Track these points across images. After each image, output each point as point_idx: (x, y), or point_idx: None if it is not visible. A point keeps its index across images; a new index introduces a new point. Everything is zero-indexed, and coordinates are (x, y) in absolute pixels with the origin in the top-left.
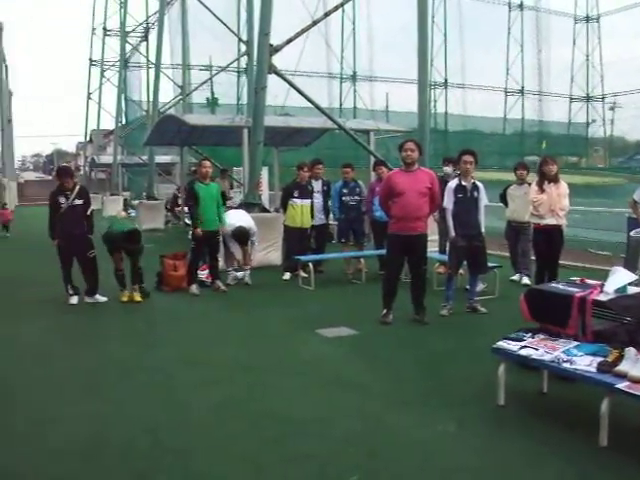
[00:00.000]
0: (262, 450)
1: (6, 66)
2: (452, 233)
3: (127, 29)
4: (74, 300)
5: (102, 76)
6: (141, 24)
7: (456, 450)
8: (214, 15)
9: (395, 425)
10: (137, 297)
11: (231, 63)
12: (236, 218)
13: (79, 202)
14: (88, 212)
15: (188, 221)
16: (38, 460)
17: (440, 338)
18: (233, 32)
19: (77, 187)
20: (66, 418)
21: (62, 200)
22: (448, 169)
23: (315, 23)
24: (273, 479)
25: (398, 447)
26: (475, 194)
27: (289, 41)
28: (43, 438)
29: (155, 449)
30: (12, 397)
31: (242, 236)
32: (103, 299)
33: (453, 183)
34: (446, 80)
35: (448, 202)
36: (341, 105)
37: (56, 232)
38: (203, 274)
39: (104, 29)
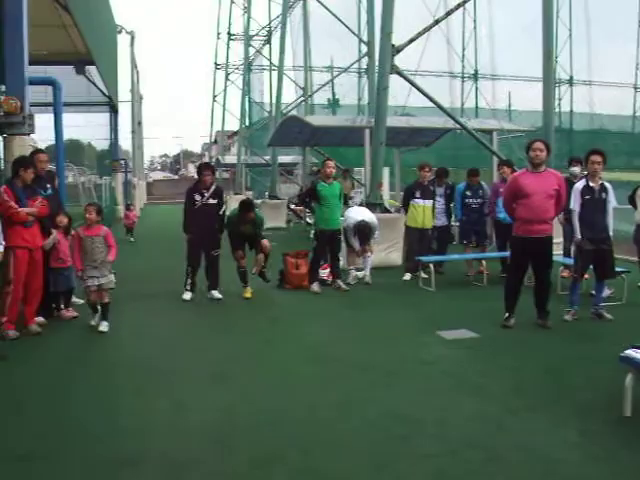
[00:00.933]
0: (381, 448)
1: (137, 71)
2: (578, 236)
3: (250, 33)
4: (187, 296)
5: (227, 79)
6: (264, 28)
7: (578, 460)
8: (335, 17)
9: (515, 430)
10: (247, 293)
11: (352, 64)
12: (358, 213)
13: (213, 201)
14: (221, 212)
15: (310, 220)
16: (168, 444)
17: (563, 344)
18: (354, 33)
19: (213, 186)
20: (195, 406)
21: (197, 197)
22: (576, 169)
23: (437, 22)
24: (391, 477)
25: (518, 453)
26: (603, 196)
27: (411, 41)
28: (173, 423)
29: (277, 440)
30: (145, 387)
31: (364, 229)
32: (219, 296)
33: (580, 184)
34: (571, 77)
35: (574, 204)
36: (462, 104)
37: (189, 227)
38: (324, 273)
39: (228, 34)
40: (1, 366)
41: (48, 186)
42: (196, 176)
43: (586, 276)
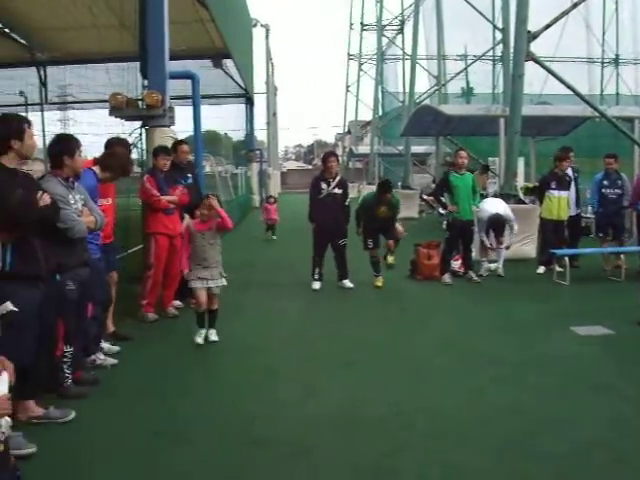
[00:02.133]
0: (507, 444)
1: (272, 64)
2: None
3: (383, 23)
4: (316, 285)
5: (360, 69)
6: (397, 17)
7: None
8: (468, 3)
9: None
10: (378, 282)
11: (486, 52)
12: (493, 206)
13: (338, 191)
14: (346, 202)
15: (442, 211)
16: (297, 428)
17: None
18: (488, 20)
19: (338, 177)
20: (323, 391)
21: (323, 186)
22: None
23: (575, 5)
24: (513, 472)
25: None
26: None
27: (547, 26)
28: (301, 408)
29: (405, 430)
30: (277, 371)
31: (498, 223)
32: (350, 285)
33: None
34: None
35: None
36: (602, 91)
37: (314, 216)
38: (456, 264)
39: (361, 24)
40: (129, 346)
41: (189, 175)
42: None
43: None
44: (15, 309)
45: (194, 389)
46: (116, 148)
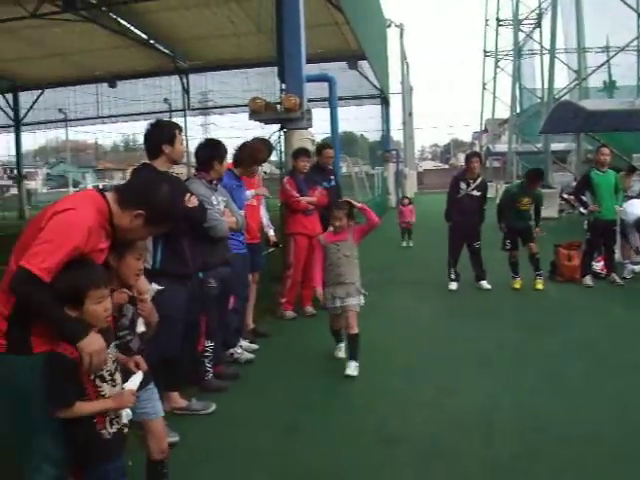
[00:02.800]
0: None
1: (407, 63)
2: None
3: (520, 17)
4: (453, 286)
5: (496, 66)
6: (534, 11)
7: None
8: None
9: None
10: (539, 284)
11: (630, 42)
12: (638, 207)
13: (477, 193)
14: (484, 206)
15: (583, 210)
16: (431, 427)
17: None
18: (632, 8)
19: (479, 178)
20: (457, 392)
21: (462, 186)
22: None
23: None
24: None
25: None
26: None
27: None
28: (435, 408)
29: (539, 434)
30: (412, 371)
31: None
32: (487, 286)
33: None
34: None
35: None
36: None
37: (451, 216)
38: (598, 266)
39: (497, 20)
40: (266, 343)
41: (331, 178)
42: (464, 164)
43: None
44: (161, 287)
45: (328, 387)
46: (245, 142)
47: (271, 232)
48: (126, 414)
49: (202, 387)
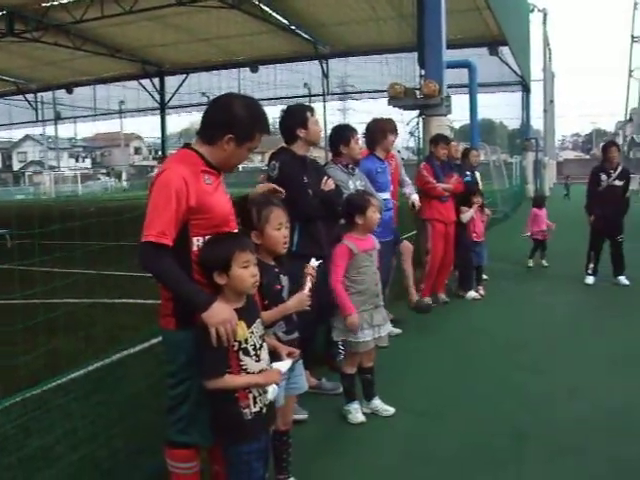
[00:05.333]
0: None
1: (549, 49)
2: None
3: None
4: (590, 280)
5: None
6: None
7: None
8: None
9: None
10: None
11: None
12: None
13: (619, 183)
14: (627, 194)
15: None
16: (559, 427)
17: None
18: None
19: (620, 167)
20: (590, 390)
21: (603, 177)
22: None
23: None
24: None
25: None
26: None
27: None
28: (566, 405)
29: None
30: (543, 367)
31: None
32: (626, 282)
33: None
34: None
35: None
36: None
37: (593, 209)
38: None
39: None
40: (402, 328)
41: (468, 174)
42: (601, 155)
43: None
44: (319, 261)
45: (457, 377)
46: (367, 125)
47: (414, 196)
48: (273, 390)
49: (333, 367)
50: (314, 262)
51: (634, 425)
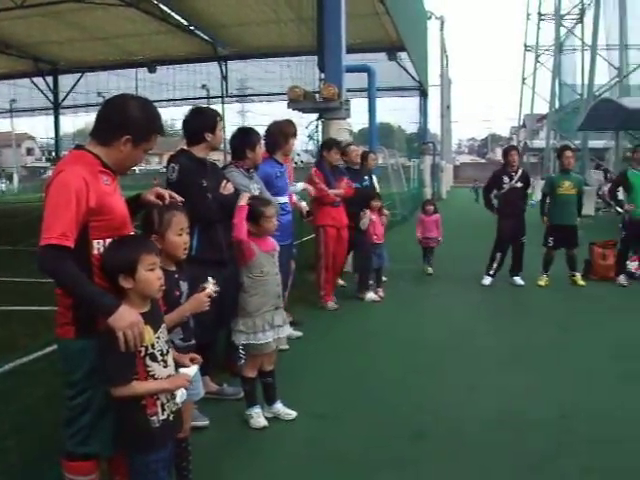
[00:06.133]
0: None
1: (446, 56)
2: None
3: (562, 12)
4: (487, 281)
5: (536, 61)
6: (576, 6)
7: None
8: None
9: None
10: (580, 280)
11: None
12: None
13: (520, 185)
14: (526, 199)
15: (619, 209)
16: (457, 423)
17: None
18: None
19: (520, 170)
20: (486, 390)
21: (505, 180)
22: None
23: None
24: None
25: None
26: None
27: None
28: (463, 405)
29: (567, 435)
30: (441, 367)
31: None
32: (521, 282)
33: None
34: None
35: None
36: None
37: (499, 212)
38: (633, 265)
39: (539, 14)
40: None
41: (366, 178)
42: (502, 159)
43: None
44: (217, 288)
45: (356, 379)
46: (268, 127)
47: (303, 204)
48: (181, 394)
49: (234, 372)
50: (211, 286)
51: (528, 422)
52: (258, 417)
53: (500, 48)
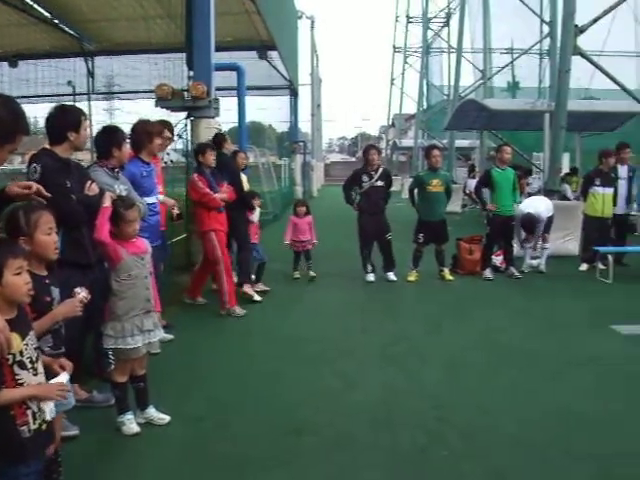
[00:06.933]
0: (546, 442)
1: (317, 55)
2: None
3: (429, 16)
4: (371, 277)
5: (405, 62)
6: (443, 10)
7: None
8: None
9: None
10: (449, 275)
11: (533, 45)
12: (528, 204)
13: (381, 183)
14: (389, 197)
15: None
16: (334, 418)
17: None
18: (535, 13)
19: (381, 169)
20: (363, 384)
21: (365, 179)
22: None
23: None
24: (556, 473)
25: None
26: None
27: (595, 20)
28: (341, 398)
29: (441, 425)
30: (315, 360)
31: (528, 224)
32: (393, 278)
33: None
34: None
35: None
36: None
37: (360, 208)
38: (498, 259)
39: (407, 17)
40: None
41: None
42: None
43: None
44: (88, 296)
45: (237, 378)
46: (133, 126)
47: (176, 210)
48: (50, 410)
49: (104, 379)
50: (84, 292)
51: (405, 415)
52: (130, 423)
53: (370, 49)
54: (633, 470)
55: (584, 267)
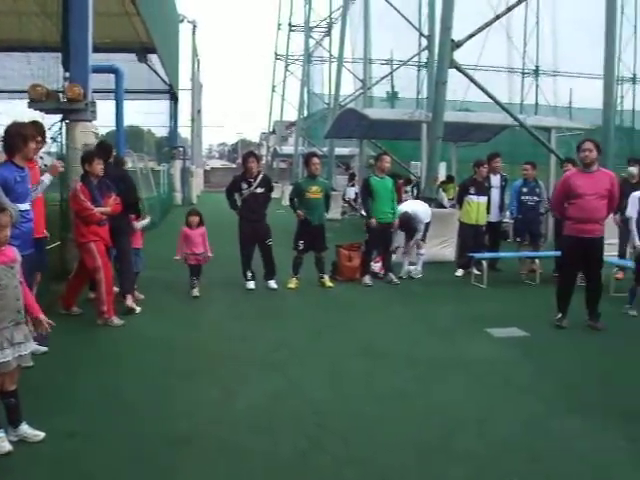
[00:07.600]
0: (426, 444)
1: (198, 60)
2: (637, 243)
3: (311, 25)
4: (251, 285)
5: (286, 70)
6: (324, 20)
7: (628, 465)
8: (396, 10)
9: (560, 433)
10: (329, 282)
11: (412, 57)
12: (406, 205)
13: (261, 190)
14: (269, 203)
15: (364, 213)
16: (216, 427)
17: (615, 346)
18: (414, 27)
19: (260, 175)
20: (244, 392)
21: (244, 186)
22: (634, 170)
23: (498, 17)
24: (434, 473)
25: (562, 456)
26: None
27: (471, 36)
28: (220, 407)
29: (321, 430)
30: (195, 369)
31: (405, 224)
32: (274, 286)
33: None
34: (634, 75)
35: (632, 210)
36: (522, 101)
37: (241, 214)
38: (376, 266)
39: (289, 25)
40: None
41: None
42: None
43: None
44: None
45: (113, 390)
46: (5, 128)
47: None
48: None
49: None
50: None
51: (285, 422)
52: (2, 442)
53: (253, 56)
54: (509, 467)
55: (460, 272)
